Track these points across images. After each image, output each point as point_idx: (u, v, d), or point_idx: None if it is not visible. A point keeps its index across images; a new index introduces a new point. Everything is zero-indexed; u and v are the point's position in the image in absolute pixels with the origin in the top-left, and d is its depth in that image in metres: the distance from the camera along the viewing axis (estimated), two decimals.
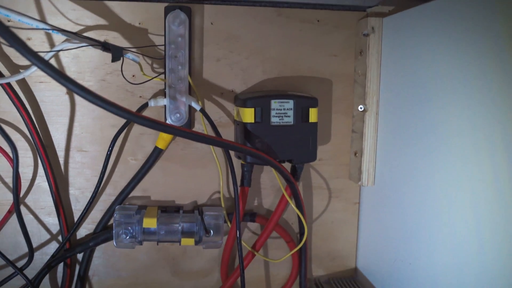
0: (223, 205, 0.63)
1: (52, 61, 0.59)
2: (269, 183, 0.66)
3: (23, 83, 0.59)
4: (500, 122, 0.41)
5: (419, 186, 0.54)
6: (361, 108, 0.64)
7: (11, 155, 0.59)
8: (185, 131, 0.51)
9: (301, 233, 0.65)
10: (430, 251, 0.52)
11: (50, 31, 0.56)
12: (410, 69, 0.56)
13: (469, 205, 0.45)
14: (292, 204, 0.61)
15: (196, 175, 0.64)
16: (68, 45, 0.56)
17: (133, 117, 0.45)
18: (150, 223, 0.60)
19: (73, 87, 0.39)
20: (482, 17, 0.43)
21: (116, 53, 0.56)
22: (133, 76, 0.61)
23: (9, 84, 0.58)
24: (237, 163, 0.62)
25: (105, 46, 0.56)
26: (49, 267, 0.60)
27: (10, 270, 0.61)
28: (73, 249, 0.61)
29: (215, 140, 0.55)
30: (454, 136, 0.48)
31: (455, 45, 0.47)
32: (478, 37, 0.44)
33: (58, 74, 0.38)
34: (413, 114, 0.56)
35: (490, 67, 0.42)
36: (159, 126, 0.47)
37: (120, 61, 0.58)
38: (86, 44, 0.55)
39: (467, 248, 0.45)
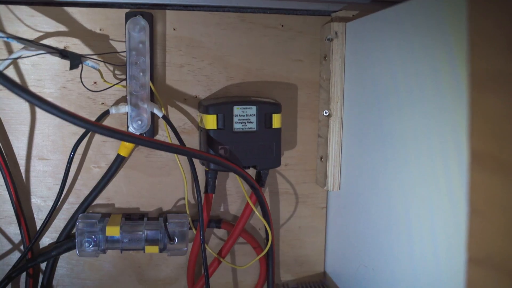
0: (188, 212, 0.63)
1: (11, 69, 0.58)
2: (235, 189, 0.66)
3: None
4: (453, 128, 0.41)
5: (381, 191, 0.54)
6: (326, 113, 0.64)
7: None
8: (144, 140, 0.50)
9: (268, 238, 0.65)
10: (390, 257, 0.52)
11: (5, 39, 0.55)
12: (372, 74, 0.56)
13: (424, 210, 0.45)
14: (256, 212, 0.61)
15: (160, 182, 0.64)
16: (26, 53, 0.55)
17: (91, 126, 0.44)
18: (113, 231, 0.59)
19: (27, 96, 0.38)
20: (436, 24, 0.43)
21: (74, 60, 0.55)
22: (95, 83, 0.60)
23: None
24: (201, 169, 0.62)
25: (63, 54, 0.55)
26: (10, 278, 0.59)
27: None
28: (35, 259, 0.60)
29: (177, 148, 0.54)
30: (411, 141, 0.48)
31: (411, 51, 0.47)
32: (432, 43, 0.44)
33: (11, 84, 0.38)
34: (375, 119, 0.56)
35: (443, 73, 0.42)
36: (118, 134, 0.46)
37: (80, 69, 0.58)
38: (44, 52, 0.54)
39: (422, 254, 0.45)
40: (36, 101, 0.39)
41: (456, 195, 0.40)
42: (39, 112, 0.60)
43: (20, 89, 0.38)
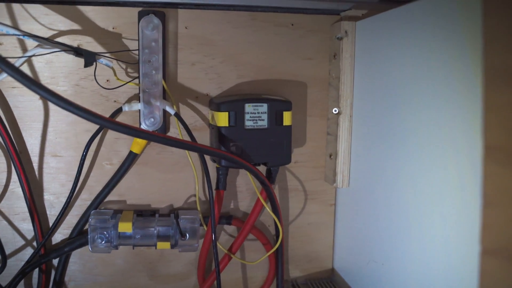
0: (199, 208, 0.64)
1: (25, 67, 0.59)
2: (245, 186, 0.67)
3: None
4: (465, 123, 0.42)
5: (391, 187, 0.55)
6: (335, 110, 0.64)
7: None
8: (158, 136, 0.51)
9: (278, 235, 0.65)
10: (401, 252, 0.53)
11: (21, 37, 0.56)
12: (382, 72, 0.57)
13: (436, 204, 0.46)
14: (267, 207, 0.61)
15: (172, 179, 0.65)
16: (40, 51, 0.55)
17: (106, 123, 0.45)
18: (125, 227, 0.60)
19: (44, 93, 0.39)
20: (449, 22, 0.44)
21: (89, 58, 0.56)
22: (107, 81, 0.61)
23: None
24: (212, 166, 0.62)
25: (77, 52, 0.56)
26: (24, 273, 0.60)
27: None
28: (48, 255, 0.61)
29: (190, 145, 0.55)
30: (422, 137, 0.48)
31: (423, 49, 0.48)
32: (445, 41, 0.45)
33: (29, 81, 0.38)
34: (385, 116, 0.56)
35: (456, 69, 0.43)
36: (132, 131, 0.47)
37: (94, 66, 0.59)
38: (58, 50, 0.55)
39: (435, 247, 0.46)
40: (53, 98, 0.39)
41: (469, 188, 0.40)
42: (53, 109, 0.61)
43: (38, 86, 0.38)
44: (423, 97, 0.49)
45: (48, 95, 0.39)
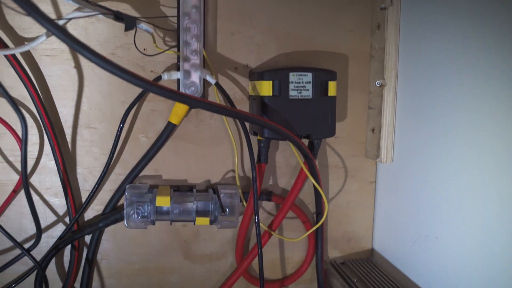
0: (238, 183, 0.61)
1: None
2: (284, 162, 0.64)
3: (28, 57, 0.57)
4: None
5: (441, 160, 0.53)
6: (378, 83, 0.62)
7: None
8: (207, 103, 0.48)
9: (318, 212, 0.63)
10: (455, 226, 0.50)
11: None
12: (429, 43, 0.55)
13: (491, 175, 0.44)
14: (312, 180, 0.58)
15: (209, 153, 0.62)
16: (79, 14, 0.53)
17: (151, 87, 0.42)
18: (163, 201, 0.57)
19: (88, 53, 0.36)
20: None
21: (129, 22, 0.54)
22: (144, 49, 0.59)
23: (15, 58, 0.55)
24: (253, 140, 0.60)
25: (117, 16, 0.53)
26: (57, 248, 0.57)
27: (13, 254, 0.58)
28: (81, 231, 0.58)
29: (238, 113, 0.51)
30: (474, 109, 0.47)
31: (478, 19, 0.46)
32: (501, 12, 0.43)
33: (73, 40, 0.36)
34: (433, 89, 0.54)
35: None
36: (179, 96, 0.45)
37: (133, 33, 0.56)
38: (97, 13, 0.53)
39: (493, 218, 0.44)
40: (97, 59, 0.37)
41: None
42: (87, 79, 0.58)
43: (82, 46, 0.36)
44: (473, 69, 0.47)
45: (92, 56, 0.36)
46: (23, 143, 0.55)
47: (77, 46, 0.35)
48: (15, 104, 0.54)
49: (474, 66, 0.47)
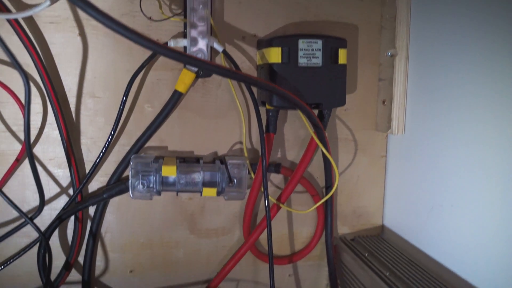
0: (246, 154, 0.60)
1: (64, 2, 0.55)
2: (292, 135, 0.63)
3: (31, 24, 0.55)
4: None
5: (454, 129, 0.51)
6: (389, 53, 0.61)
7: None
8: (218, 66, 0.46)
9: (328, 186, 0.62)
10: (470, 195, 0.49)
11: None
12: (442, 11, 0.53)
13: (509, 143, 0.43)
14: (323, 148, 0.57)
15: (216, 124, 0.61)
16: None
17: (160, 49, 0.40)
18: (169, 171, 0.56)
19: (94, 12, 0.35)
20: None
21: None
22: (150, 17, 0.57)
23: (19, 24, 0.53)
24: (261, 110, 0.58)
25: None
26: (60, 219, 0.56)
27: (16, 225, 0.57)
28: (85, 201, 0.57)
29: (248, 77, 0.49)
30: (489, 79, 0.45)
31: None
32: None
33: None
34: (445, 58, 0.53)
35: None
36: (188, 58, 0.43)
37: None
38: None
39: (510, 185, 0.43)
40: (107, 20, 0.35)
41: None
42: (91, 47, 0.57)
43: (90, 6, 0.34)
44: (490, 36, 0.45)
45: (102, 18, 0.35)
46: (26, 108, 0.54)
47: (82, 4, 0.34)
48: (19, 65, 0.53)
49: (490, 33, 0.45)
